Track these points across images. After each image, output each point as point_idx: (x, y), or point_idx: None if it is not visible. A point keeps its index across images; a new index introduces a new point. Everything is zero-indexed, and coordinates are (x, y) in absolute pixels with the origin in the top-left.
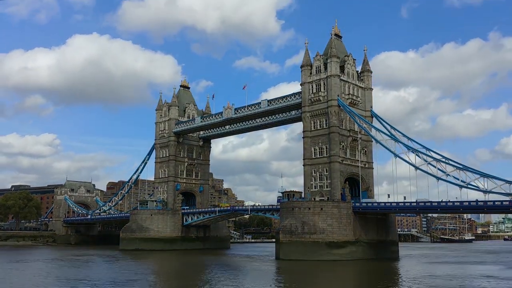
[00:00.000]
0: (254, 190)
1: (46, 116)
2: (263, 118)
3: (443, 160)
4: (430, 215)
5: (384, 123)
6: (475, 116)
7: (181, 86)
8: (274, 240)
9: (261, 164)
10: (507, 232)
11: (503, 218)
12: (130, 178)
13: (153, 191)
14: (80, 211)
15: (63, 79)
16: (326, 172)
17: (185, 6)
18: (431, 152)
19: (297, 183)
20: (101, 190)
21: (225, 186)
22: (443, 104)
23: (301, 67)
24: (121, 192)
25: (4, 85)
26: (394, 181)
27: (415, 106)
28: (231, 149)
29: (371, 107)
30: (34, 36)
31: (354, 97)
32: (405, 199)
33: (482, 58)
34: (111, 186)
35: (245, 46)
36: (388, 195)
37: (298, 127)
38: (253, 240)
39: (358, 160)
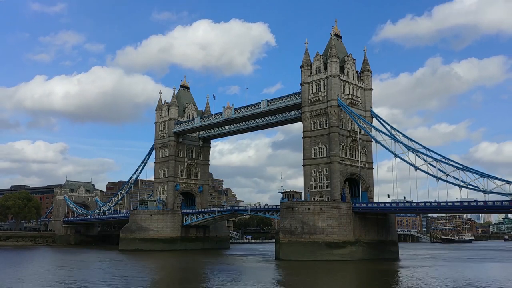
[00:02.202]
0: (248, 192)
1: (56, 130)
2: (262, 118)
3: (443, 160)
4: (430, 215)
5: (384, 123)
6: (440, 130)
7: (180, 86)
8: (274, 240)
9: (250, 170)
10: (507, 232)
11: (503, 218)
12: (130, 178)
13: (152, 191)
14: (79, 211)
15: (76, 104)
16: (326, 172)
17: (178, 53)
18: (431, 152)
19: (288, 185)
20: (100, 190)
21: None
22: (411, 120)
23: (301, 67)
24: (120, 192)
25: (20, 107)
26: (394, 181)
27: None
28: (219, 156)
29: (371, 107)
30: (55, 68)
31: (354, 97)
32: (405, 199)
33: (432, 84)
34: (111, 186)
35: (228, 80)
36: (388, 195)
37: (283, 134)
38: (253, 241)
39: (358, 160)
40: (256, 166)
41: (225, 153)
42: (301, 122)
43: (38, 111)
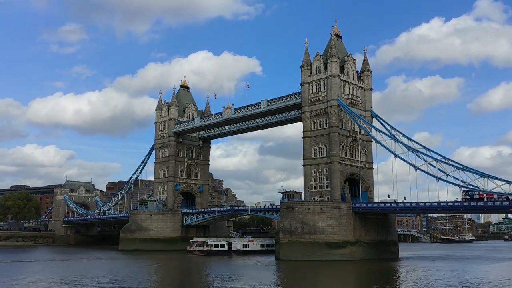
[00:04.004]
0: (244, 194)
1: (64, 140)
2: (262, 118)
3: (443, 160)
4: (430, 215)
5: (384, 123)
6: (418, 139)
7: (180, 86)
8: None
9: (241, 173)
10: (507, 232)
11: (503, 218)
12: (130, 178)
13: (152, 191)
14: (79, 211)
15: (85, 120)
16: (326, 172)
17: (173, 78)
18: (431, 152)
19: (278, 187)
20: (100, 190)
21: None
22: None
23: (301, 67)
24: (120, 192)
25: (32, 120)
26: (394, 181)
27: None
28: (210, 159)
29: (371, 107)
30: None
31: (354, 97)
32: (405, 199)
33: (399, 99)
34: (111, 186)
35: (216, 100)
36: (388, 195)
37: (271, 138)
38: None
39: (358, 160)
40: (247, 169)
41: (216, 157)
42: (292, 124)
43: (49, 124)
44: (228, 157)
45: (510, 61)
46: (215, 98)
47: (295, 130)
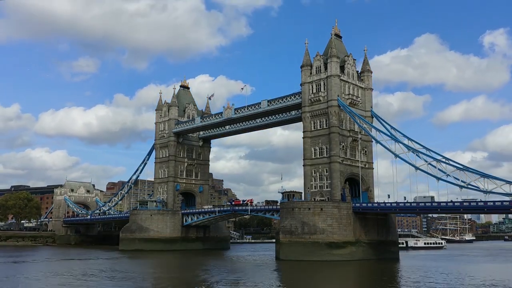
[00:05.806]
0: (241, 195)
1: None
2: (263, 118)
3: (443, 160)
4: (430, 215)
5: (384, 123)
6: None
7: (181, 86)
8: (274, 240)
9: (235, 176)
10: (507, 232)
11: (503, 218)
12: (130, 179)
13: (152, 191)
14: (79, 211)
15: (92, 132)
16: (326, 172)
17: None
18: (431, 152)
19: (271, 189)
20: (100, 190)
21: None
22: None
23: (301, 67)
24: (120, 193)
25: (42, 131)
26: (394, 182)
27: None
28: None
29: (371, 107)
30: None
31: (354, 97)
32: (405, 199)
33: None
34: (111, 186)
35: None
36: (388, 195)
37: (257, 145)
38: (253, 241)
39: (358, 161)
40: (240, 173)
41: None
42: (280, 132)
43: (57, 135)
44: (220, 160)
45: (459, 86)
46: (211, 99)
47: (283, 137)
